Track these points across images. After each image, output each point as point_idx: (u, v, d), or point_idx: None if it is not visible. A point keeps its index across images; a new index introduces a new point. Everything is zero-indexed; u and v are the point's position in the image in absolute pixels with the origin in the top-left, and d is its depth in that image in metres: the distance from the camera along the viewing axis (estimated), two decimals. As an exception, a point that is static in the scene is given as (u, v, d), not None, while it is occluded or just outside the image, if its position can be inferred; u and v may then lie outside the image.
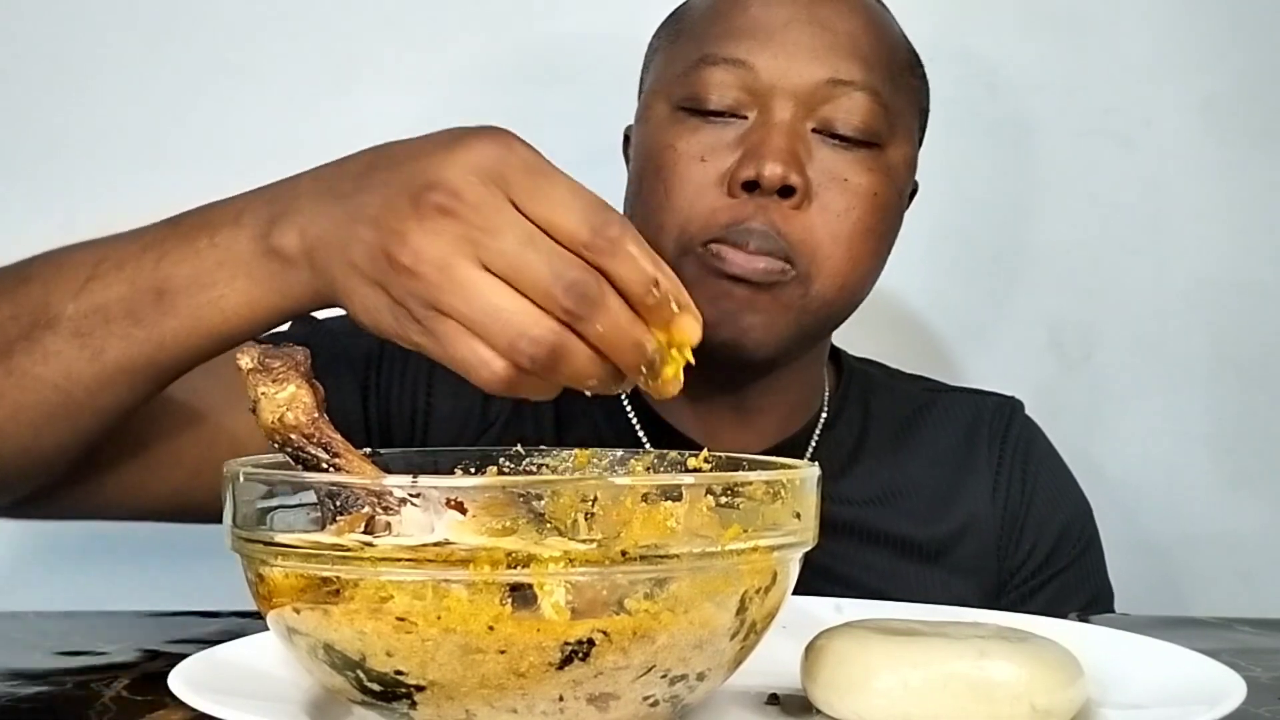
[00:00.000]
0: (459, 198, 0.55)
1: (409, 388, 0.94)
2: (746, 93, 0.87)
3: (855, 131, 0.87)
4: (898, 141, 0.90)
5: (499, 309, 0.54)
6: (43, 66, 1.23)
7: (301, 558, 0.49)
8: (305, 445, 0.53)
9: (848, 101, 0.86)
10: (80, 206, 1.22)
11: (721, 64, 0.87)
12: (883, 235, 0.90)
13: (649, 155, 0.90)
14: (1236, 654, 0.69)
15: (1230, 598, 1.29)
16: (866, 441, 1.00)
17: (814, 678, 0.56)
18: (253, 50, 1.24)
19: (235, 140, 1.23)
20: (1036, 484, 1.01)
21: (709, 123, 0.87)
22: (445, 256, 0.54)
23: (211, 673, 0.55)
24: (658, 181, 0.88)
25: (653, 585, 0.48)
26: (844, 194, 0.87)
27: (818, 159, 0.87)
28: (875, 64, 0.88)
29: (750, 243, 0.84)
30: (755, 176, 0.84)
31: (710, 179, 0.86)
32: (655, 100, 0.91)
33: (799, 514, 0.52)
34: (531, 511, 0.50)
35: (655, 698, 0.50)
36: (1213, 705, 0.52)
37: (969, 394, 1.07)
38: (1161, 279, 1.32)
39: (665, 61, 0.93)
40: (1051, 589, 0.99)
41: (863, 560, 0.94)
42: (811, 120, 0.87)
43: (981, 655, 0.54)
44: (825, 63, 0.87)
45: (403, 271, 0.55)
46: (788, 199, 0.85)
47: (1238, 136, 1.32)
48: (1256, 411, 1.33)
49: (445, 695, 0.49)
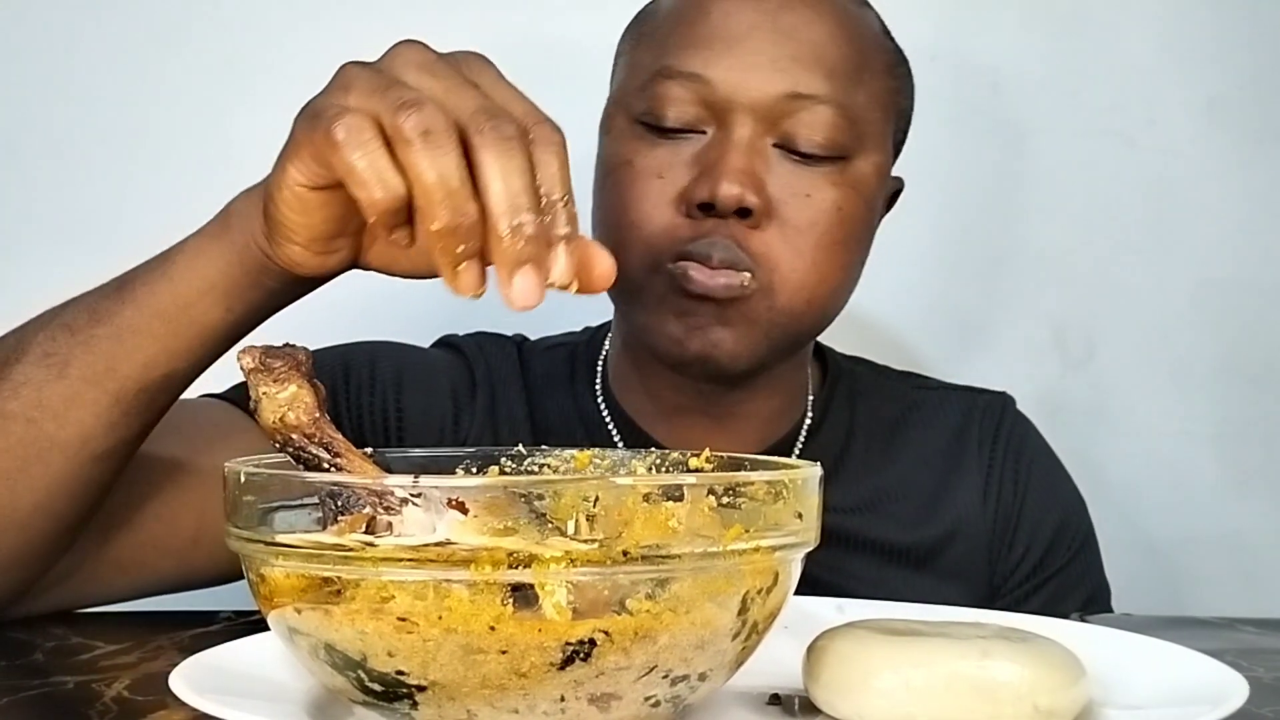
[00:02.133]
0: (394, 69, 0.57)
1: (379, 399, 0.92)
2: (704, 108, 0.84)
3: (818, 148, 0.83)
4: (866, 151, 0.86)
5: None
6: (41, 67, 1.23)
7: (303, 558, 0.49)
8: (306, 445, 0.53)
9: (809, 116, 0.83)
10: (79, 206, 1.22)
11: (678, 78, 0.84)
12: (850, 248, 0.87)
13: (609, 169, 0.88)
14: (1239, 654, 0.69)
15: (1233, 598, 1.29)
16: (853, 445, 0.98)
17: (816, 678, 0.56)
18: (250, 50, 1.24)
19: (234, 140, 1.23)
20: (1029, 483, 0.99)
21: (667, 138, 0.85)
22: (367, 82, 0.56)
23: (212, 673, 0.55)
24: (617, 198, 0.86)
25: (654, 585, 0.48)
26: (806, 209, 0.84)
27: (778, 175, 0.84)
28: (841, 73, 0.85)
29: (713, 256, 0.82)
30: (709, 198, 0.82)
31: (668, 197, 0.84)
32: (616, 111, 0.89)
33: (801, 514, 0.52)
34: (533, 511, 0.50)
35: (657, 698, 0.50)
36: (1215, 706, 0.52)
37: (959, 391, 1.04)
38: (1165, 279, 1.32)
39: (627, 70, 0.90)
40: (1048, 590, 0.97)
41: (848, 569, 0.92)
42: (772, 135, 0.84)
43: (984, 655, 0.54)
44: (786, 75, 0.83)
45: (331, 111, 0.56)
46: (744, 220, 0.82)
47: (1242, 135, 1.32)
48: (1260, 412, 1.33)
49: (447, 695, 0.49)
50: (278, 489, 0.52)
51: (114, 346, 0.67)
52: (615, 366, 0.96)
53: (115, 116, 1.24)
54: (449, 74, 0.57)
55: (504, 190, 0.53)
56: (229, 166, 1.22)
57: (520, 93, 0.58)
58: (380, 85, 0.55)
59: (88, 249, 1.22)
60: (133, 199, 1.23)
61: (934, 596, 0.92)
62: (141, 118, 1.24)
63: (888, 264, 0.98)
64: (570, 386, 0.97)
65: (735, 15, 0.84)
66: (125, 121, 1.24)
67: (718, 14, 0.85)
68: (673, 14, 0.88)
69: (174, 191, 1.22)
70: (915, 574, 0.95)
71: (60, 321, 0.69)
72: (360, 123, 0.54)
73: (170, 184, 1.23)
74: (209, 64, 1.24)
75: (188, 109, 1.24)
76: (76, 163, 1.23)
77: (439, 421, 0.94)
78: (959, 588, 0.95)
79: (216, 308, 0.67)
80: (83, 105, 1.24)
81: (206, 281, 0.66)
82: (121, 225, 1.22)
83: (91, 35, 1.24)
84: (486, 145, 0.53)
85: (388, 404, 0.92)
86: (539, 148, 0.55)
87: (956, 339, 1.32)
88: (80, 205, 1.22)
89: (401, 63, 0.57)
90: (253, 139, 1.24)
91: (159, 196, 1.22)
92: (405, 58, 0.58)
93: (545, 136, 0.55)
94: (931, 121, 1.28)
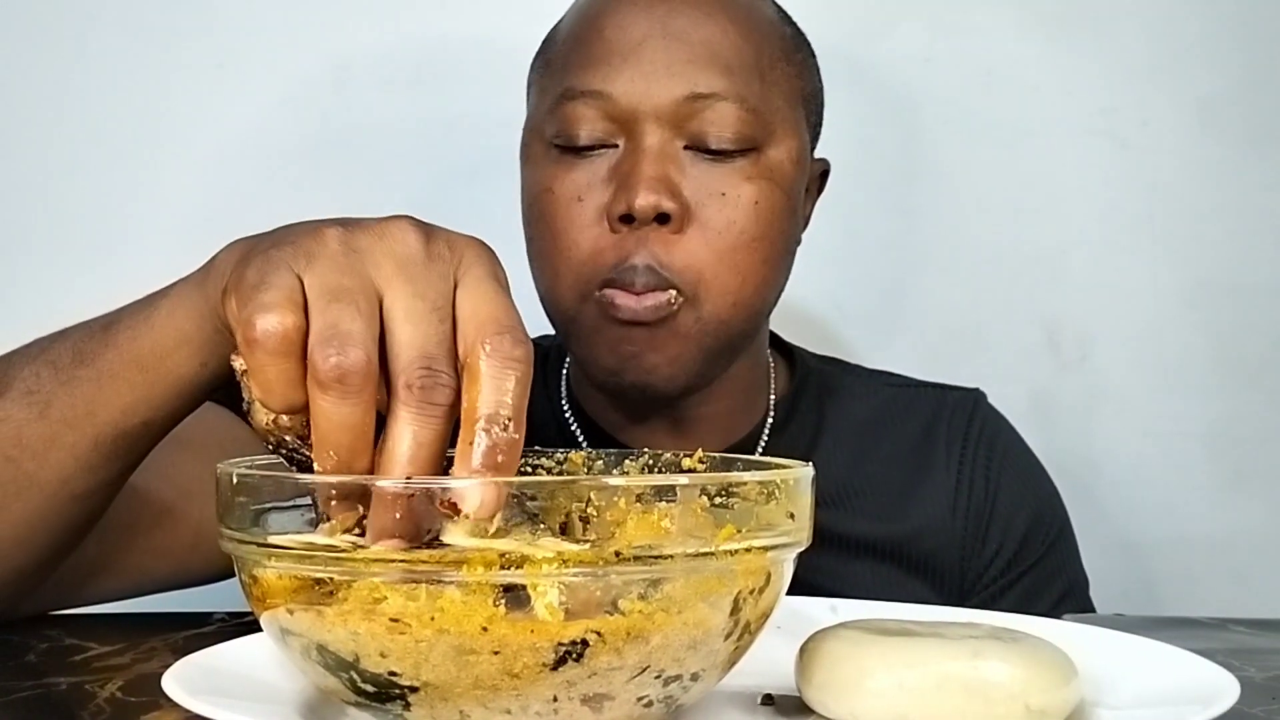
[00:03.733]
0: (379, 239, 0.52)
1: None
2: (611, 121, 0.86)
3: (727, 143, 0.85)
4: (777, 139, 0.88)
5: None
6: (39, 67, 1.23)
7: (295, 559, 0.49)
8: (299, 446, 0.53)
9: (713, 114, 0.85)
10: (78, 206, 1.22)
11: (581, 97, 0.86)
12: (773, 241, 0.88)
13: (531, 200, 0.90)
14: (1231, 654, 0.69)
15: (1225, 598, 1.29)
16: (821, 442, 0.99)
17: (809, 678, 0.56)
18: (247, 49, 1.24)
19: (232, 140, 1.23)
20: (1001, 479, 1.00)
21: (582, 158, 0.87)
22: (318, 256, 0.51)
23: (205, 674, 0.55)
24: (543, 227, 0.88)
25: (647, 586, 0.48)
26: (724, 208, 0.86)
27: (693, 176, 0.85)
28: (738, 67, 0.86)
29: (635, 281, 0.84)
30: (628, 209, 0.83)
31: (590, 218, 0.86)
32: (532, 139, 0.91)
33: (793, 514, 0.52)
34: (525, 512, 0.50)
35: (649, 698, 0.50)
36: (1207, 705, 0.52)
37: (931, 389, 1.05)
38: (1158, 279, 1.32)
39: (537, 96, 0.92)
40: (1023, 585, 0.98)
41: (812, 563, 0.93)
42: (681, 138, 0.86)
43: (976, 655, 0.54)
44: (684, 78, 0.85)
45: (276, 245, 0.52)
46: (665, 225, 0.84)
47: (1235, 137, 1.32)
48: (1253, 412, 1.33)
49: (439, 696, 0.49)
50: (270, 490, 0.52)
51: (94, 390, 0.66)
52: (576, 374, 0.99)
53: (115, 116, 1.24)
54: (424, 280, 0.51)
55: (398, 461, 0.48)
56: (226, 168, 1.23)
57: (502, 300, 0.52)
58: (333, 287, 0.50)
59: (84, 250, 1.22)
60: (133, 199, 1.22)
61: (899, 589, 0.94)
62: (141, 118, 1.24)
63: (881, 264, 0.99)
64: (544, 390, 0.99)
65: (628, 28, 0.86)
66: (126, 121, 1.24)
67: (611, 29, 0.87)
68: (570, 36, 0.90)
69: (170, 191, 1.22)
70: (880, 565, 0.95)
71: (46, 358, 0.67)
72: (282, 335, 0.49)
73: (170, 184, 1.23)
74: (203, 66, 1.24)
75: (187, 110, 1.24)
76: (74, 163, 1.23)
77: None
78: (925, 582, 0.96)
79: (191, 361, 0.64)
80: (83, 105, 1.24)
81: (182, 334, 0.63)
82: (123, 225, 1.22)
83: (92, 35, 1.24)
84: (409, 403, 0.48)
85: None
86: (495, 364, 0.49)
87: (950, 340, 1.32)
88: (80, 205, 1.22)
89: (382, 252, 0.52)
90: (250, 138, 1.25)
91: (159, 196, 1.22)
92: (388, 246, 0.52)
93: (505, 352, 0.49)
94: (925, 123, 1.28)
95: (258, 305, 0.50)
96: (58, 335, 0.69)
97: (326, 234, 0.52)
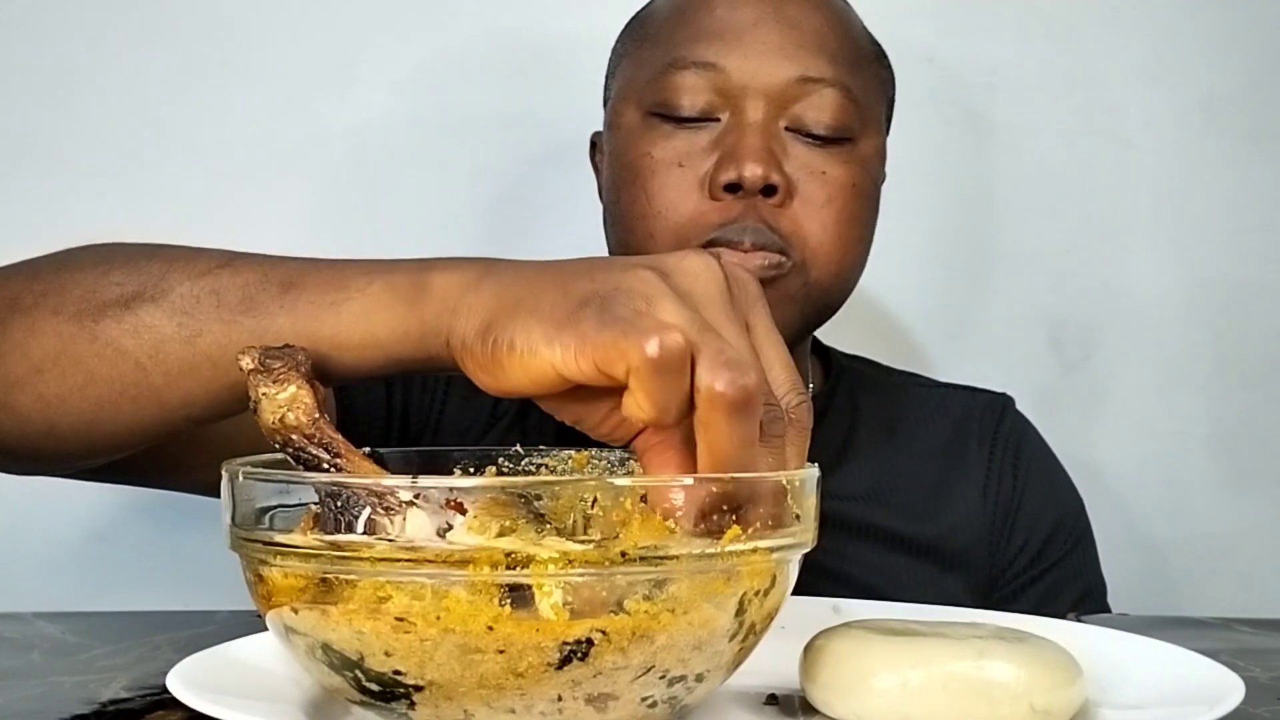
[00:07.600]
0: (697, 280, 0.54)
1: (428, 396, 0.96)
2: (718, 95, 0.88)
3: (827, 129, 0.88)
4: (869, 133, 0.91)
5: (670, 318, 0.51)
6: (37, 67, 1.23)
7: (301, 557, 0.49)
8: (306, 445, 0.53)
9: (818, 99, 0.88)
10: (76, 207, 1.22)
11: (691, 68, 0.88)
12: (866, 222, 0.91)
13: (625, 164, 0.90)
14: (1235, 654, 0.69)
15: (1229, 598, 1.30)
16: (856, 437, 1.00)
17: (813, 678, 0.56)
18: (247, 49, 1.24)
19: (230, 140, 1.23)
20: (1028, 481, 1.01)
21: (683, 127, 0.88)
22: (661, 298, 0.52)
23: (209, 673, 0.55)
24: (638, 190, 0.88)
25: (652, 586, 0.48)
26: (824, 186, 0.88)
27: (793, 156, 0.88)
28: (843, 59, 0.89)
29: (745, 240, 0.85)
30: (736, 179, 0.85)
31: (691, 184, 0.87)
32: (625, 107, 0.91)
33: (798, 515, 0.52)
34: (531, 512, 0.50)
35: (654, 698, 0.50)
36: (1212, 706, 0.52)
37: (961, 390, 1.07)
38: (1161, 279, 1.32)
39: (632, 67, 0.93)
40: (1043, 584, 0.99)
41: (854, 555, 0.94)
42: (784, 119, 0.88)
43: (980, 655, 0.54)
44: (795, 61, 0.87)
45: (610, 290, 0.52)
46: (771, 197, 0.86)
47: (1238, 136, 1.32)
48: (1256, 411, 1.33)
49: (444, 695, 0.49)
50: (276, 489, 0.52)
51: (253, 341, 0.60)
52: None
53: (114, 117, 1.24)
54: (739, 322, 0.54)
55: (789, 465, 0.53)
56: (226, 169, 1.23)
57: (787, 355, 0.55)
58: (691, 320, 0.51)
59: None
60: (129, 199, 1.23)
61: (935, 586, 0.95)
62: (137, 118, 1.24)
63: (885, 264, 0.99)
64: None
65: (740, 9, 0.89)
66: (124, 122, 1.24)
67: (723, 8, 0.89)
68: (676, 11, 0.91)
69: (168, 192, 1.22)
70: (917, 563, 0.97)
71: (210, 285, 0.63)
72: (682, 351, 0.49)
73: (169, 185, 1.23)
74: (205, 65, 1.24)
75: (186, 111, 1.24)
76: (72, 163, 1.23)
77: (469, 423, 0.96)
78: (960, 579, 0.97)
79: (366, 363, 0.61)
80: (82, 106, 1.24)
81: (374, 339, 0.60)
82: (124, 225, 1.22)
83: (91, 35, 1.24)
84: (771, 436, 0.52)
85: (434, 403, 0.95)
86: (796, 434, 0.54)
87: (954, 339, 1.32)
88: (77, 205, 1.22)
89: (702, 293, 0.53)
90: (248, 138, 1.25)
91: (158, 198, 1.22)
92: (704, 287, 0.53)
93: (804, 423, 0.54)
94: (929, 122, 1.28)
95: (649, 328, 0.49)
96: (224, 260, 0.64)
97: (644, 274, 0.53)
